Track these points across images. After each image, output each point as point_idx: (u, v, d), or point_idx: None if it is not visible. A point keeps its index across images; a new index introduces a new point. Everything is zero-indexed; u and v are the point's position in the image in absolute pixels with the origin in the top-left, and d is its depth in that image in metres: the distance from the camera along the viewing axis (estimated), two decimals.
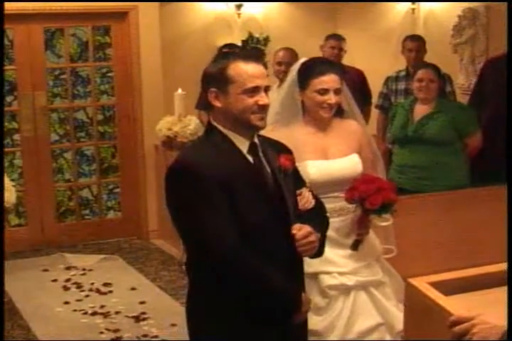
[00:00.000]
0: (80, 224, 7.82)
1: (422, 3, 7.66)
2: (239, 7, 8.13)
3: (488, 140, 5.71)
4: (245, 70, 2.85)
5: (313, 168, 3.58)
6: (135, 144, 7.73)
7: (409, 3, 7.74)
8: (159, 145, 7.08)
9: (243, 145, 2.92)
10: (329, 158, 3.66)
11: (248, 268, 2.81)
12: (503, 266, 2.68)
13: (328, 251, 3.47)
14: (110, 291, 6.24)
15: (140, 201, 7.79)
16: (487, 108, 5.88)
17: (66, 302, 5.98)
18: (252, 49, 7.71)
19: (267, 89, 2.89)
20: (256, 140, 2.97)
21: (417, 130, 5.52)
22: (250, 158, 2.92)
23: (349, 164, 3.68)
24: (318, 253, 3.06)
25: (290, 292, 2.91)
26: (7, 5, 5.62)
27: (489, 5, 6.89)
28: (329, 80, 3.58)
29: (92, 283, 6.41)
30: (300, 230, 2.89)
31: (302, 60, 3.78)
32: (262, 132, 3.10)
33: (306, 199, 3.11)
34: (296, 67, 3.71)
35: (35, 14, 7.13)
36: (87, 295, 6.16)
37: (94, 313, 5.76)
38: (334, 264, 3.61)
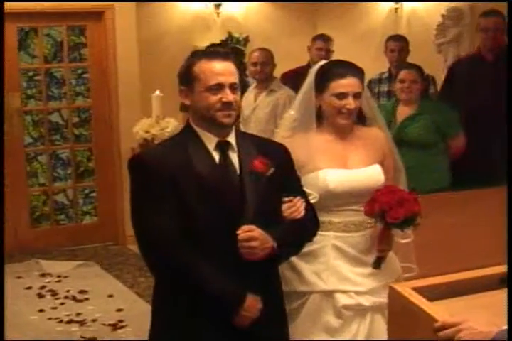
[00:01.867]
0: (55, 229, 7.78)
1: (405, 3, 7.68)
2: (218, 6, 8.13)
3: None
4: (208, 68, 2.89)
5: (332, 177, 3.34)
6: (111, 147, 7.68)
7: (392, 2, 7.75)
8: (136, 148, 7.00)
9: (212, 143, 2.94)
10: (349, 168, 3.41)
11: (179, 262, 2.83)
12: (487, 271, 2.69)
13: (346, 268, 3.38)
14: (86, 298, 6.19)
15: (117, 206, 7.70)
16: (460, 110, 5.81)
17: (41, 310, 5.93)
18: (232, 49, 7.67)
19: (232, 86, 2.89)
20: (231, 138, 2.97)
21: (399, 132, 5.48)
22: (216, 157, 2.93)
23: (370, 175, 3.42)
24: (275, 262, 2.99)
25: (223, 291, 2.85)
26: None
27: (473, 4, 6.88)
28: (348, 84, 3.34)
29: (68, 291, 6.36)
30: (247, 232, 2.82)
31: (321, 62, 3.55)
32: (278, 139, 3.10)
33: (294, 209, 2.99)
34: (314, 69, 3.49)
35: (8, 13, 6.85)
36: (62, 303, 6.11)
37: (70, 321, 5.72)
38: (351, 282, 3.37)
